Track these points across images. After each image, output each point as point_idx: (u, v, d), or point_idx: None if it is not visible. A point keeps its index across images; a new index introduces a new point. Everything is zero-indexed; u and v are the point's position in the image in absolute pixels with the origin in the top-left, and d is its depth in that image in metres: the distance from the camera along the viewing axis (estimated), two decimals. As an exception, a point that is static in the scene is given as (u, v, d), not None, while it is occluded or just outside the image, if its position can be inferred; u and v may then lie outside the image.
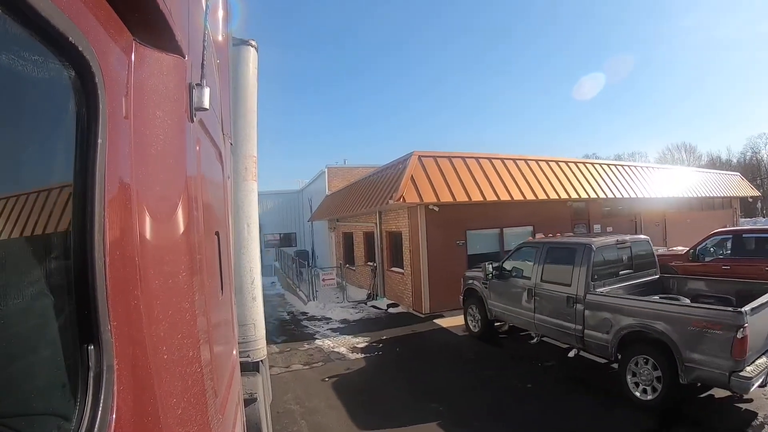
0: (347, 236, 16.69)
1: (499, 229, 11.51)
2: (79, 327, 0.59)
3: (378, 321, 10.29)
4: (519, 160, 12.09)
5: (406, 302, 11.27)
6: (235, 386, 1.75)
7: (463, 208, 10.62)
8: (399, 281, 11.67)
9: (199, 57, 1.12)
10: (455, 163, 10.99)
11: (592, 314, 5.38)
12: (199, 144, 1.19)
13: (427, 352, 7.53)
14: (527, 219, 11.76)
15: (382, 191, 11.26)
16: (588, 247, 5.77)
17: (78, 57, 0.58)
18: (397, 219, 11.54)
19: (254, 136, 2.95)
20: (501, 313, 7.28)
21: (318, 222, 22.49)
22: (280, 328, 10.28)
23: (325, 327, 9.87)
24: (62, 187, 0.60)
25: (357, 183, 15.69)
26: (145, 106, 0.80)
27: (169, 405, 0.80)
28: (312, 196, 24.09)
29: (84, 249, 0.60)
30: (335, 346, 8.18)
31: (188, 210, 0.96)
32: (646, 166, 17.14)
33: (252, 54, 2.97)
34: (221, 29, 2.02)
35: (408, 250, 10.90)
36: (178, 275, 0.89)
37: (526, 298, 6.50)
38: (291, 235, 26.88)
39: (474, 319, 8.05)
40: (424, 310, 10.31)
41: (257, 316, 2.79)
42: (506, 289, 7.07)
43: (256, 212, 2.96)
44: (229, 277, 1.95)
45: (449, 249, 10.54)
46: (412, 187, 9.97)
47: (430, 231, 10.33)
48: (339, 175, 21.73)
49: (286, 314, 12.15)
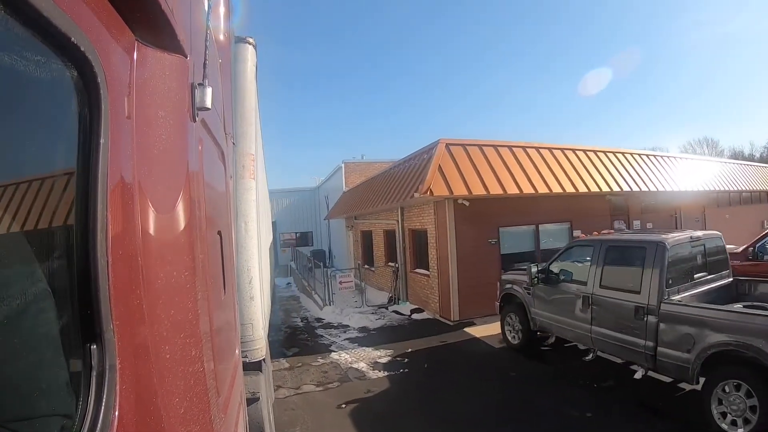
0: (366, 235, 15.66)
1: (534, 226, 10.23)
2: (82, 326, 0.59)
3: (401, 329, 9.08)
4: (555, 149, 10.86)
5: (431, 307, 10.10)
6: (237, 385, 1.75)
7: (495, 202, 9.42)
8: (424, 284, 10.55)
9: (201, 56, 1.12)
10: (486, 152, 9.69)
11: (669, 328, 4.41)
12: (201, 144, 1.19)
13: (461, 369, 6.42)
14: (564, 215, 10.50)
15: (405, 185, 10.27)
16: (661, 245, 4.76)
17: (80, 57, 0.58)
18: (422, 215, 10.40)
19: (252, 134, 2.95)
20: (547, 324, 6.24)
21: (335, 220, 21.42)
22: (291, 338, 9.07)
23: (342, 336, 8.73)
24: (65, 186, 0.61)
25: (376, 178, 14.68)
26: (147, 106, 0.80)
27: (171, 404, 0.80)
28: (328, 194, 23.14)
29: (86, 249, 0.60)
30: (353, 360, 7.13)
31: (190, 210, 0.97)
32: (682, 157, 15.77)
33: (250, 52, 2.97)
34: (223, 28, 2.02)
35: (434, 250, 9.71)
36: (181, 275, 0.89)
37: (581, 307, 5.47)
38: (308, 234, 25.79)
39: (513, 329, 6.98)
40: (453, 316, 9.08)
41: (255, 316, 2.79)
42: (555, 295, 6.04)
43: (254, 211, 2.95)
44: (231, 276, 1.95)
45: (480, 248, 9.34)
46: (440, 178, 8.77)
47: (459, 228, 9.10)
48: (356, 171, 20.63)
49: (299, 321, 10.99)
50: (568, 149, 11.19)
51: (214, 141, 1.54)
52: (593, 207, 10.97)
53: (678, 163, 14.51)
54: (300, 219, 25.97)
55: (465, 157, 9.43)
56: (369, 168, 19.84)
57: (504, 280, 7.45)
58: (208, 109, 1.08)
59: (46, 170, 0.60)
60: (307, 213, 26.27)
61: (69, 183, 0.60)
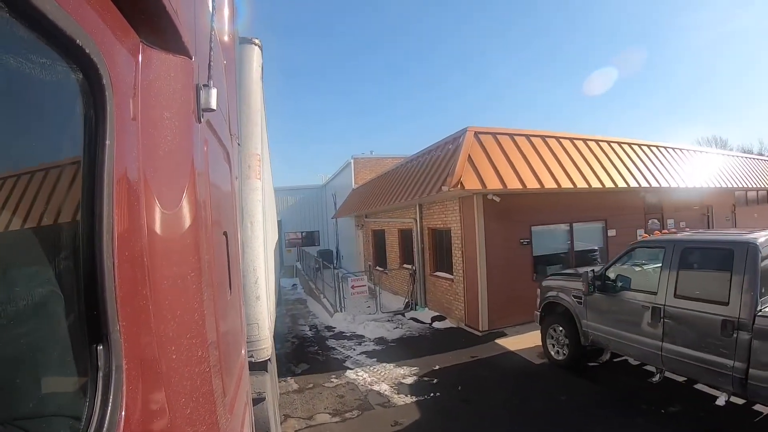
0: (378, 234, 14.70)
1: (568, 225, 9.27)
2: (89, 327, 0.59)
3: (424, 341, 8.08)
4: (590, 141, 9.93)
5: (455, 315, 9.08)
6: (243, 385, 1.76)
7: (526, 198, 8.52)
8: (446, 289, 9.54)
9: (206, 57, 1.13)
10: (519, 142, 8.70)
11: (765, 347, 3.75)
12: (206, 145, 1.19)
13: (501, 392, 5.43)
14: (598, 213, 9.62)
15: (427, 179, 9.25)
16: (752, 246, 4.07)
17: (85, 59, 0.58)
18: (444, 213, 9.39)
19: (258, 134, 2.96)
20: (603, 339, 5.38)
21: (343, 219, 20.41)
22: (300, 351, 7.98)
23: (357, 349, 7.78)
24: (71, 188, 0.61)
25: (390, 173, 13.63)
26: (152, 108, 0.80)
27: (178, 404, 0.80)
28: (336, 191, 22.19)
29: (93, 250, 0.60)
30: (374, 381, 6.08)
31: (196, 211, 0.97)
32: (713, 152, 14.77)
33: (256, 53, 2.98)
34: (227, 29, 2.03)
35: (459, 251, 8.72)
36: (187, 275, 0.90)
37: (649, 321, 4.71)
38: (314, 234, 24.86)
39: (558, 342, 6.13)
40: (482, 326, 8.11)
41: (261, 316, 2.80)
42: (615, 306, 5.22)
43: (260, 211, 2.97)
44: (237, 277, 1.96)
45: (511, 249, 8.42)
46: (471, 170, 7.75)
47: (488, 227, 8.12)
48: (367, 167, 19.57)
49: (307, 329, 9.90)
50: (603, 141, 10.25)
51: (219, 142, 1.54)
52: (627, 205, 10.10)
53: (709, 158, 13.54)
54: (306, 218, 25.24)
55: (496, 147, 8.36)
56: (379, 164, 19.14)
57: (546, 287, 6.48)
58: (213, 110, 1.08)
59: (52, 172, 0.60)
60: (314, 212, 25.47)
61: (75, 184, 0.61)
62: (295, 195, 25.21)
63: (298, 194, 25.36)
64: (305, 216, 25.18)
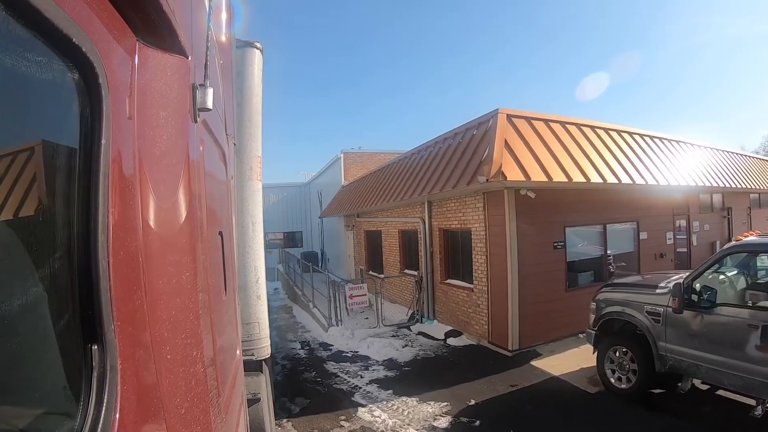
0: (372, 236, 13.52)
1: (602, 226, 8.25)
2: (83, 327, 0.59)
3: (444, 364, 6.73)
4: (623, 133, 8.95)
5: (474, 330, 7.85)
6: (238, 386, 1.75)
7: (561, 195, 7.44)
8: (462, 300, 8.26)
9: (203, 58, 1.13)
10: (555, 130, 7.56)
11: None
12: (202, 144, 1.19)
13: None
14: (630, 213, 8.67)
15: (443, 171, 8.10)
16: None
17: (82, 58, 0.58)
18: (463, 211, 8.09)
19: (259, 136, 2.98)
20: (689, 365, 4.41)
21: (329, 219, 19.22)
22: (294, 379, 6.45)
23: (365, 376, 6.32)
24: (66, 187, 0.61)
25: (388, 167, 12.40)
26: (148, 107, 0.80)
27: (172, 405, 0.80)
28: (322, 189, 20.75)
29: (88, 249, 0.60)
30: (397, 425, 4.75)
31: (192, 210, 0.97)
32: (731, 150, 13.64)
33: (257, 56, 3.00)
34: (224, 30, 2.03)
35: (482, 256, 7.49)
36: (182, 275, 0.89)
37: (758, 343, 3.92)
38: (296, 235, 23.51)
39: (621, 368, 5.09)
40: (511, 344, 6.86)
41: (261, 315, 2.83)
42: (709, 325, 4.30)
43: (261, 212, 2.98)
44: (233, 277, 1.95)
45: (544, 254, 7.25)
46: (511, 158, 6.54)
47: (521, 227, 6.91)
48: (357, 163, 18.18)
49: (299, 347, 8.27)
50: (636, 134, 9.27)
51: (216, 142, 1.54)
52: (658, 205, 9.25)
53: (731, 157, 12.70)
54: (288, 218, 23.95)
55: (532, 133, 7.19)
56: (372, 159, 17.93)
57: (605, 301, 5.39)
58: (209, 109, 1.08)
59: (47, 171, 0.60)
60: (296, 211, 24.24)
61: (71, 184, 0.60)
62: (276, 193, 23.80)
63: (279, 192, 23.99)
64: (287, 216, 23.98)
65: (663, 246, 9.59)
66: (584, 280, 7.95)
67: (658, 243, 9.47)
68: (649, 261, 9.13)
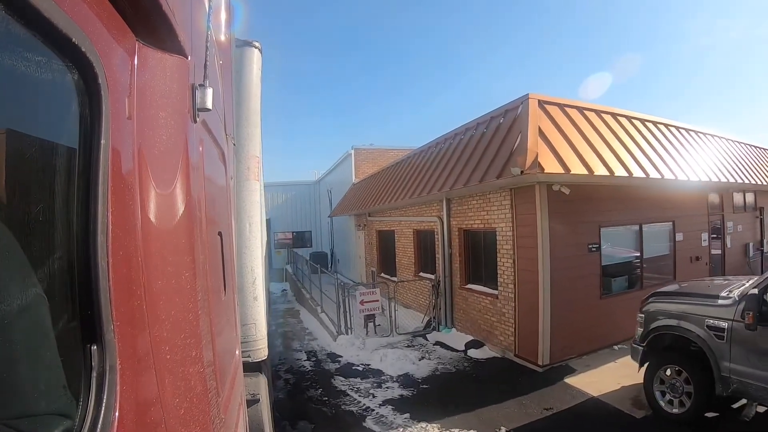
0: (385, 236, 12.86)
1: (638, 226, 7.53)
2: (82, 327, 0.59)
3: (466, 380, 6.03)
4: (659, 124, 8.11)
5: (498, 341, 7.15)
6: (237, 387, 1.75)
7: (596, 191, 6.76)
8: (485, 307, 7.55)
9: (202, 58, 1.13)
10: (590, 119, 6.80)
11: None
12: (201, 144, 1.19)
13: None
14: (665, 212, 7.95)
15: (465, 163, 7.26)
16: None
17: (81, 58, 0.58)
18: (486, 209, 7.35)
19: (257, 136, 2.97)
20: (760, 390, 3.82)
21: (340, 218, 18.53)
22: (298, 397, 5.73)
23: (378, 395, 5.58)
24: (65, 188, 0.61)
25: (402, 163, 11.49)
26: (148, 107, 0.80)
27: (171, 405, 0.80)
28: (332, 187, 19.96)
29: (87, 250, 0.60)
30: None
31: (191, 211, 0.97)
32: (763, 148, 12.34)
33: (256, 55, 2.99)
34: (224, 30, 2.03)
35: (510, 259, 6.79)
36: (181, 276, 0.89)
37: None
38: (305, 234, 22.55)
39: (674, 390, 4.47)
40: (542, 359, 6.15)
41: (258, 316, 2.81)
42: None
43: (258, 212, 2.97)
44: (232, 277, 1.95)
45: (577, 257, 6.52)
46: (547, 148, 5.72)
47: (553, 228, 6.21)
48: (368, 159, 17.31)
49: (305, 358, 7.60)
50: (672, 126, 8.48)
51: (215, 142, 1.54)
52: (692, 204, 8.61)
53: (760, 153, 11.65)
54: (297, 217, 23.08)
55: (567, 122, 6.39)
56: (383, 156, 17.08)
57: (655, 312, 4.74)
58: (209, 109, 1.08)
59: (46, 171, 0.60)
60: (306, 210, 23.35)
61: (70, 184, 0.60)
62: (285, 191, 23.05)
63: (288, 191, 23.18)
64: (296, 215, 23.17)
65: (698, 248, 8.94)
66: (618, 286, 7.30)
67: (694, 245, 8.82)
68: (684, 265, 8.46)
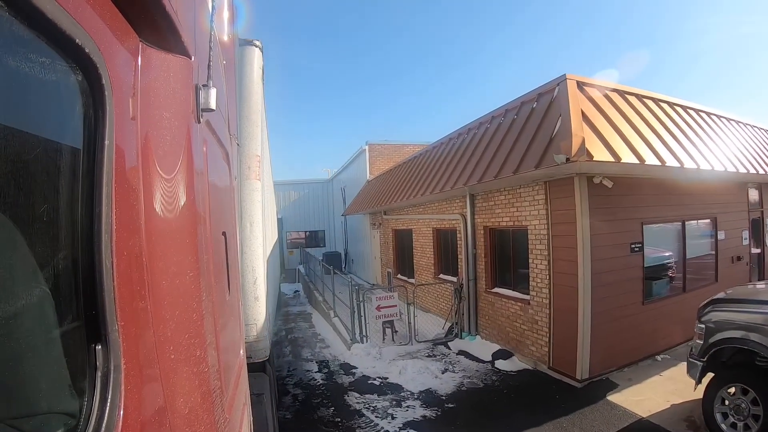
0: (402, 235, 12.11)
1: (680, 223, 6.89)
2: (87, 327, 0.60)
3: (495, 396, 5.27)
4: (701, 112, 7.39)
5: (530, 352, 6.42)
6: (241, 386, 1.76)
7: (638, 184, 6.08)
8: (514, 314, 6.80)
9: (206, 58, 1.13)
10: (633, 104, 6.05)
11: None
12: (205, 145, 1.20)
13: None
14: (707, 208, 7.33)
15: (495, 154, 6.44)
16: None
17: (85, 59, 0.59)
18: (516, 205, 6.63)
19: (258, 135, 2.97)
20: None
21: (354, 217, 17.83)
22: (306, 416, 4.98)
23: (398, 416, 4.83)
24: (70, 188, 0.61)
25: (419, 157, 10.69)
26: (152, 107, 0.80)
27: (176, 404, 0.80)
28: (346, 185, 19.40)
29: (92, 250, 0.60)
30: None
31: (195, 211, 0.97)
32: None
33: (257, 54, 3.00)
34: (227, 30, 2.04)
35: (544, 261, 6.04)
36: (186, 275, 0.90)
37: None
38: (319, 234, 22.08)
39: (738, 411, 3.88)
40: (580, 372, 5.44)
41: (259, 317, 2.82)
42: None
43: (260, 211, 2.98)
44: (236, 277, 1.96)
45: (619, 258, 5.81)
46: (593, 133, 4.98)
47: (594, 225, 5.47)
48: (383, 155, 16.61)
49: (316, 369, 6.83)
50: (715, 114, 7.76)
51: (219, 142, 1.54)
52: (733, 199, 7.97)
53: None
54: (310, 216, 22.38)
55: (610, 106, 5.61)
56: (399, 151, 16.56)
57: (718, 323, 4.09)
58: (213, 110, 1.08)
59: (51, 171, 0.60)
60: (319, 209, 22.67)
61: (74, 184, 0.61)
62: (297, 190, 22.55)
63: (301, 189, 22.64)
64: (309, 213, 22.50)
65: (739, 248, 8.26)
66: (661, 290, 6.67)
67: (735, 244, 8.16)
68: (726, 265, 7.81)
